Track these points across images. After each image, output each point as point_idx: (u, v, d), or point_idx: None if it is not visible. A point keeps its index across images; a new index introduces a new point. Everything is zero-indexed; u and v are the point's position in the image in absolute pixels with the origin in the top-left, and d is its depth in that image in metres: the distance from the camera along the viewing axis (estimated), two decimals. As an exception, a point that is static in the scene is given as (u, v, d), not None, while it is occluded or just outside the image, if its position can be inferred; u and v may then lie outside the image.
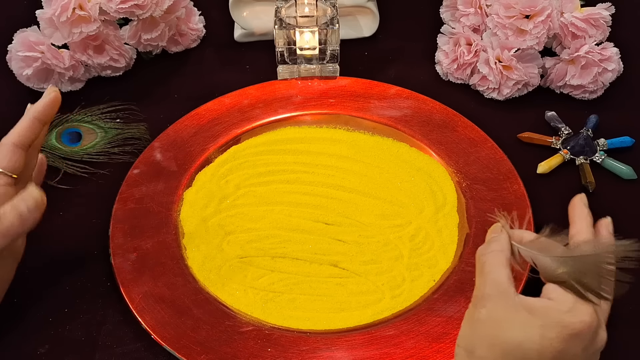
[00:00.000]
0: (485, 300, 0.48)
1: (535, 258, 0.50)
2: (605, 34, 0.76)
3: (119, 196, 0.66)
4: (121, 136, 0.74)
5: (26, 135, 0.54)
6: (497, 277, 0.49)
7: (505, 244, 0.51)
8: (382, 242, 0.64)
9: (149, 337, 0.57)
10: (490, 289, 0.48)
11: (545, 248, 0.50)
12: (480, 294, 0.49)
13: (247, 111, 0.75)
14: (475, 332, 0.48)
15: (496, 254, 0.50)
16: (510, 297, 0.47)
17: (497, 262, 0.50)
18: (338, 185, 0.69)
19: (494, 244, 0.51)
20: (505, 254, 0.50)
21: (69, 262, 0.63)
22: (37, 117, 0.55)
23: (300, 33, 0.75)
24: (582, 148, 0.71)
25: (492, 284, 0.48)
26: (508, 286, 0.48)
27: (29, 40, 0.75)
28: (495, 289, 0.48)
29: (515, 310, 0.47)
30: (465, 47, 0.77)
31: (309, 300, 0.60)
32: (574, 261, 0.48)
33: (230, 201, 0.67)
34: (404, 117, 0.74)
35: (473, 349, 0.47)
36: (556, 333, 0.45)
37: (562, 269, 0.48)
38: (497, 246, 0.51)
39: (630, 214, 0.67)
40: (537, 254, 0.50)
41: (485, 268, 0.50)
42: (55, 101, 0.56)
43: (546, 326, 0.45)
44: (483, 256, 0.51)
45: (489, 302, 0.48)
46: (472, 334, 0.48)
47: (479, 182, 0.67)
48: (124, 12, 0.74)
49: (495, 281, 0.48)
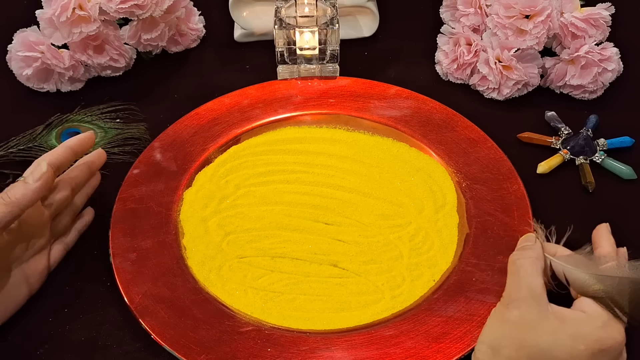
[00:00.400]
0: (519, 302, 0.49)
1: (570, 272, 0.52)
2: (605, 34, 0.76)
3: (119, 196, 0.66)
4: (121, 136, 0.74)
5: (58, 158, 0.59)
6: (532, 283, 0.50)
7: (540, 254, 0.53)
8: (382, 242, 0.64)
9: (148, 337, 0.57)
10: (525, 293, 0.49)
11: (580, 264, 0.52)
12: (515, 296, 0.50)
13: (247, 111, 0.75)
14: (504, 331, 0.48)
15: (533, 260, 0.52)
16: (543, 303, 0.49)
17: (534, 269, 0.51)
18: (338, 185, 0.69)
19: (530, 251, 0.53)
20: (540, 263, 0.52)
21: (69, 262, 0.63)
22: (70, 146, 0.60)
23: (300, 33, 0.75)
24: (582, 148, 0.71)
25: (527, 289, 0.50)
26: (542, 293, 0.49)
27: (29, 40, 0.75)
28: (530, 294, 0.49)
29: (547, 317, 0.48)
30: (465, 47, 0.77)
31: (309, 300, 0.60)
32: (612, 281, 0.50)
33: (230, 201, 0.67)
34: (403, 117, 0.74)
35: (499, 348, 0.48)
36: (586, 345, 0.46)
37: (598, 286, 0.50)
38: (533, 254, 0.53)
39: (630, 214, 0.67)
40: (572, 268, 0.52)
41: (521, 272, 0.51)
42: (89, 138, 0.62)
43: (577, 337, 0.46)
44: (518, 260, 0.52)
45: (523, 305, 0.49)
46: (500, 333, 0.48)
47: (479, 182, 0.67)
48: (124, 12, 0.74)
49: (530, 286, 0.50)
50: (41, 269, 0.60)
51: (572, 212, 0.67)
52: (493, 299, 0.56)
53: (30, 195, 0.54)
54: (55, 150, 0.60)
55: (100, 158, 0.65)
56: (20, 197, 0.54)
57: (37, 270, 0.59)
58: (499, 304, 0.51)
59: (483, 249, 0.62)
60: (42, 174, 0.55)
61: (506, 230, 0.63)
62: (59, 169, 0.59)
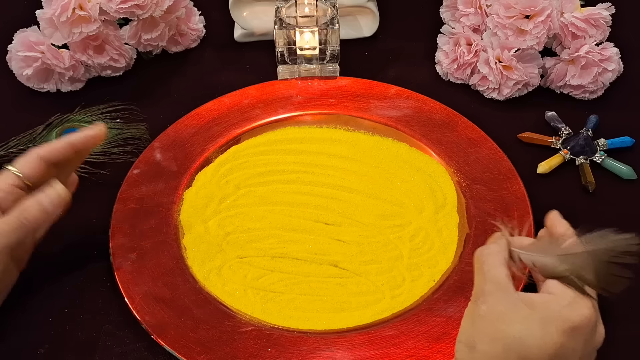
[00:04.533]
0: (486, 296, 0.49)
1: (536, 260, 0.51)
2: (605, 34, 0.76)
3: (119, 196, 0.66)
4: (121, 136, 0.74)
5: (54, 153, 0.57)
6: (496, 275, 0.50)
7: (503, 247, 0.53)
8: (382, 242, 0.64)
9: (149, 337, 0.57)
10: (490, 286, 0.49)
11: (545, 249, 0.52)
12: (480, 291, 0.50)
13: (247, 111, 0.75)
14: (476, 327, 0.48)
15: (494, 254, 0.52)
16: (510, 293, 0.48)
17: (496, 261, 0.51)
18: (338, 185, 0.69)
19: (492, 245, 0.53)
20: (503, 254, 0.52)
21: (69, 262, 0.63)
22: (72, 142, 0.58)
23: (300, 33, 0.75)
24: (582, 148, 0.71)
25: (492, 281, 0.50)
26: (507, 283, 0.49)
27: (29, 40, 0.75)
28: (495, 286, 0.49)
29: (515, 305, 0.48)
30: (465, 47, 0.77)
31: (309, 300, 0.60)
32: (575, 258, 0.49)
33: (230, 201, 0.67)
34: (404, 117, 0.74)
35: (474, 344, 0.48)
36: (556, 326, 0.46)
37: (562, 266, 0.49)
38: (495, 247, 0.53)
39: (630, 214, 0.67)
40: (537, 255, 0.51)
41: (485, 267, 0.51)
42: (95, 137, 0.59)
43: (546, 319, 0.46)
44: (481, 256, 0.52)
45: (490, 298, 0.49)
46: (473, 329, 0.49)
47: (479, 182, 0.67)
48: (124, 12, 0.74)
49: (494, 278, 0.50)
50: (28, 248, 0.59)
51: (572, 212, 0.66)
52: (493, 299, 0.56)
53: (44, 219, 0.55)
54: (54, 144, 0.58)
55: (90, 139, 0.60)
56: (33, 221, 0.54)
57: (24, 249, 0.59)
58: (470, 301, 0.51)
59: (483, 249, 0.62)
60: (60, 201, 0.55)
61: (506, 231, 0.63)
62: (55, 165, 0.58)
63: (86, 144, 0.60)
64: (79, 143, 0.59)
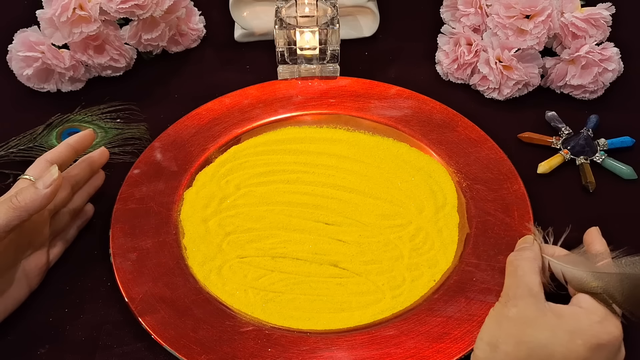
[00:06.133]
0: (517, 300, 0.50)
1: (567, 272, 0.53)
2: (605, 34, 0.76)
3: (119, 196, 0.66)
4: (121, 136, 0.74)
5: (58, 155, 0.61)
6: (529, 281, 0.51)
7: (538, 254, 0.54)
8: (382, 242, 0.64)
9: (149, 337, 0.57)
10: (523, 291, 0.51)
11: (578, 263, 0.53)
12: (512, 294, 0.51)
13: (247, 111, 0.75)
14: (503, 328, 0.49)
15: (530, 260, 0.53)
16: (541, 301, 0.50)
17: (530, 268, 0.52)
18: (338, 185, 0.68)
19: (528, 252, 0.54)
20: (537, 262, 0.53)
21: (69, 262, 0.63)
22: (70, 143, 0.62)
23: (301, 33, 0.75)
24: (583, 148, 0.71)
25: (525, 287, 0.51)
26: (539, 291, 0.51)
27: (29, 40, 0.75)
28: (527, 291, 0.50)
29: (544, 314, 0.49)
30: (465, 47, 0.77)
31: (309, 300, 0.60)
32: (609, 277, 0.50)
33: (231, 201, 0.67)
34: (404, 117, 0.74)
35: (497, 344, 0.48)
36: (584, 340, 0.46)
37: (596, 283, 0.50)
38: (531, 254, 0.54)
39: (630, 214, 0.67)
40: (570, 267, 0.53)
41: (519, 272, 0.52)
42: (88, 135, 0.64)
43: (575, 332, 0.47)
44: (516, 260, 0.54)
45: (521, 302, 0.50)
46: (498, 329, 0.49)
47: (479, 182, 0.67)
48: (124, 12, 0.74)
49: (527, 284, 0.51)
50: (41, 265, 0.60)
51: (572, 212, 0.67)
52: (493, 299, 0.56)
53: (39, 201, 0.55)
54: (57, 148, 0.61)
55: (102, 157, 0.66)
56: (29, 202, 0.54)
57: (37, 266, 0.60)
58: (498, 302, 0.52)
59: (483, 249, 0.62)
60: (52, 180, 0.56)
61: (506, 231, 0.63)
62: (60, 167, 0.59)
63: (81, 142, 0.63)
64: (74, 142, 0.62)
